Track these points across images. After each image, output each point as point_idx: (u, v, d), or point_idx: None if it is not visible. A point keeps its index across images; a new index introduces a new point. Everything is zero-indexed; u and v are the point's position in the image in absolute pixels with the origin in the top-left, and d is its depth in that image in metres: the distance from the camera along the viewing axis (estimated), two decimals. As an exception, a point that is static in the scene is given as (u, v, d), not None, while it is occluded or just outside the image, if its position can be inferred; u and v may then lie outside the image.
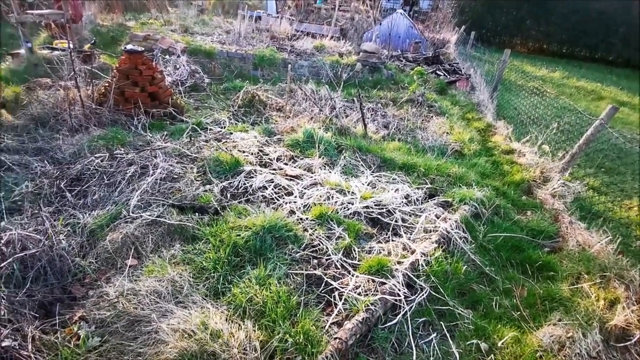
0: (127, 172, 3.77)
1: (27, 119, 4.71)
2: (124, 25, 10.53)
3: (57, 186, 3.61)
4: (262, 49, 8.91)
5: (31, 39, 6.93)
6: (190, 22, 11.14)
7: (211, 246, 2.89)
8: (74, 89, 4.86)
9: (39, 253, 2.75)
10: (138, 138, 4.53)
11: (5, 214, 3.23)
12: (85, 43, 8.23)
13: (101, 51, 7.82)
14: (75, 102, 4.89)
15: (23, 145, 4.21)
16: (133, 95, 5.18)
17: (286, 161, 4.48)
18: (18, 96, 5.27)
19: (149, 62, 5.38)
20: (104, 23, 10.23)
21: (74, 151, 4.18)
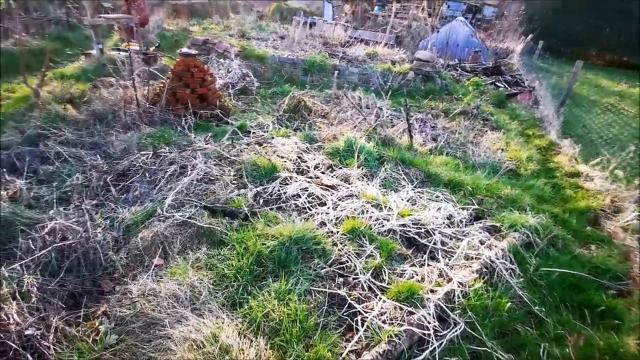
0: (167, 171, 3.87)
1: (89, 114, 5.05)
2: (188, 29, 11.14)
3: (104, 180, 3.80)
4: (313, 54, 8.92)
5: (102, 41, 7.52)
6: (248, 27, 11.51)
7: (235, 253, 2.83)
8: (132, 88, 5.14)
9: (76, 244, 2.87)
10: (183, 138, 4.66)
11: (55, 204, 3.44)
12: (150, 45, 8.79)
13: (163, 54, 8.29)
14: (131, 101, 5.17)
15: (81, 139, 4.51)
16: (184, 96, 5.37)
17: (324, 170, 4.36)
18: (84, 93, 5.69)
19: (200, 65, 5.56)
20: (169, 27, 10.90)
21: (124, 147, 4.40)
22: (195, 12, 14.41)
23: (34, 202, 3.48)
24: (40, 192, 3.59)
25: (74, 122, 4.86)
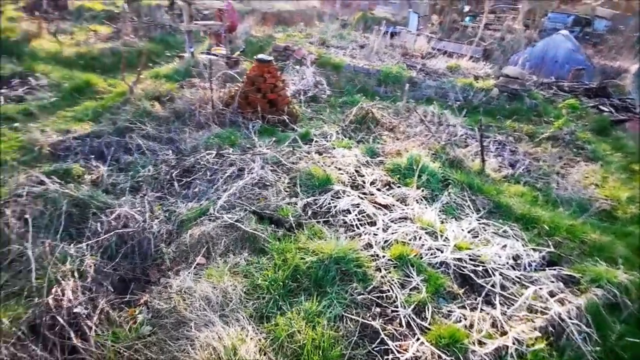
0: (226, 172, 4.02)
1: (170, 112, 5.51)
2: (273, 36, 11.66)
3: (170, 174, 4.08)
4: (390, 65, 8.70)
5: (195, 45, 8.21)
6: (329, 35, 11.67)
7: (273, 264, 2.79)
8: (209, 90, 5.48)
9: (134, 232, 3.09)
10: (247, 141, 4.82)
11: (127, 192, 3.77)
12: (236, 50, 9.37)
13: (246, 58, 8.77)
14: (207, 101, 5.52)
15: (159, 134, 4.92)
16: (254, 100, 5.57)
17: (380, 187, 4.15)
18: (171, 92, 6.23)
19: (274, 71, 5.73)
20: (256, 34, 11.52)
21: (194, 145, 4.69)
22: (283, 19, 15.07)
23: (111, 188, 3.86)
24: (117, 180, 3.98)
25: (157, 118, 5.32)
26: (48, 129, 4.84)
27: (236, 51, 9.18)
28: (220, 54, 8.35)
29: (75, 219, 3.29)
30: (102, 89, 6.48)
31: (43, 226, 3.11)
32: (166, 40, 10.39)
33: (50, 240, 2.91)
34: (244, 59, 8.54)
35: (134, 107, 5.45)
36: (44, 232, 3.04)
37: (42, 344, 2.16)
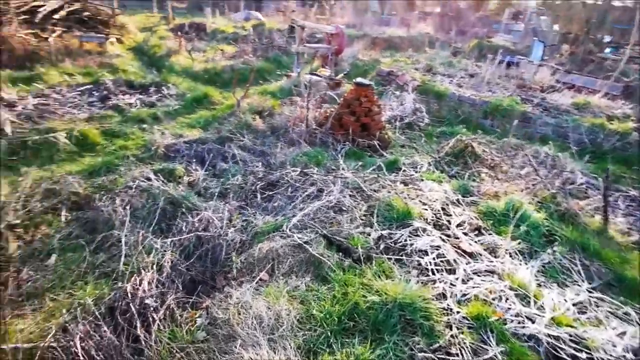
0: (306, 191, 4.04)
1: (268, 126, 5.85)
2: (379, 60, 11.74)
3: (255, 186, 4.27)
4: (501, 97, 7.94)
5: (304, 66, 8.70)
6: (437, 62, 11.27)
7: (332, 295, 2.65)
8: (305, 109, 5.68)
9: (211, 237, 3.27)
10: (333, 162, 4.81)
11: (215, 197, 4.06)
12: (341, 72, 9.65)
13: (348, 81, 8.95)
14: (302, 120, 5.71)
15: (254, 146, 5.24)
16: (347, 122, 5.58)
17: (468, 230, 3.71)
18: (273, 108, 6.64)
19: (371, 95, 5.68)
20: (362, 58, 11.73)
21: (282, 160, 4.86)
22: (392, 45, 15.11)
23: (203, 191, 4.19)
24: (210, 184, 4.31)
25: (255, 131, 5.70)
26: (167, 132, 5.54)
27: (340, 73, 9.45)
28: (324, 75, 8.68)
29: (167, 215, 3.64)
30: (217, 101, 7.24)
31: (141, 217, 3.50)
32: (279, 60, 11.25)
33: (143, 232, 3.26)
34: (347, 81, 8.72)
35: (238, 119, 5.93)
36: (140, 223, 3.42)
37: (113, 326, 2.37)
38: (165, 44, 10.98)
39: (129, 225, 3.33)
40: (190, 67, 9.23)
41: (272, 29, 14.55)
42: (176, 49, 10.42)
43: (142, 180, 3.98)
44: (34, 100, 5.86)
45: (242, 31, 14.83)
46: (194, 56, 10.07)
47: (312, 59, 10.22)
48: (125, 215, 3.39)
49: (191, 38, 12.60)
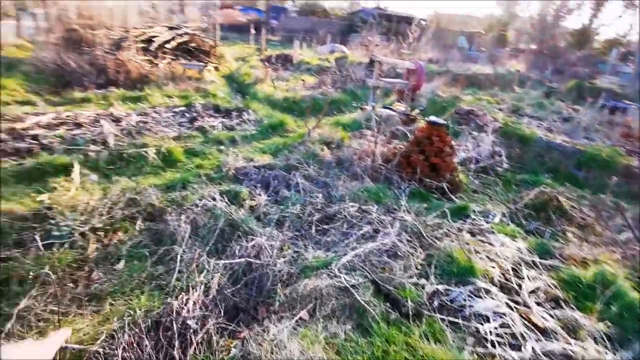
0: (362, 229, 3.91)
1: (334, 158, 5.89)
2: (459, 98, 11.30)
3: (312, 217, 4.26)
4: (601, 146, 7.01)
5: (380, 99, 8.72)
6: (525, 103, 10.46)
7: (371, 352, 2.45)
8: (373, 144, 5.61)
9: (260, 265, 3.30)
10: (395, 201, 4.62)
11: (272, 224, 4.13)
12: (416, 108, 9.46)
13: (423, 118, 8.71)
14: (369, 154, 5.64)
15: (318, 176, 5.27)
16: (415, 161, 5.37)
17: (542, 300, 3.21)
18: (342, 140, 6.70)
19: (443, 135, 5.42)
20: (442, 94, 11.40)
21: (343, 194, 4.81)
22: (476, 82, 14.48)
23: (262, 217, 4.30)
24: (269, 211, 4.41)
25: (321, 162, 5.76)
26: (240, 155, 5.89)
27: (416, 109, 9.26)
28: (399, 110, 8.57)
29: (225, 237, 3.78)
30: (291, 129, 7.54)
31: (201, 236, 3.68)
32: (356, 92, 11.45)
33: (200, 250, 3.42)
34: (421, 118, 8.50)
35: (307, 148, 6.08)
36: (199, 241, 3.60)
37: (155, 342, 2.46)
38: (253, 73, 11.93)
39: (189, 242, 3.53)
40: (272, 95, 9.84)
41: (353, 62, 14.98)
42: (262, 78, 11.24)
43: (209, 199, 4.23)
44: (137, 118, 6.71)
45: (325, 63, 15.53)
46: (276, 85, 10.74)
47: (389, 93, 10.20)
48: (187, 232, 3.60)
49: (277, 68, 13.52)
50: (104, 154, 5.24)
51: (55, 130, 5.75)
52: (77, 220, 3.65)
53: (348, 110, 9.75)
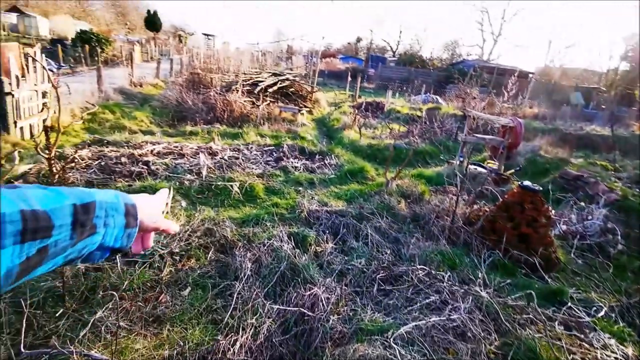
0: (428, 297, 3.56)
1: (410, 213, 5.61)
2: (566, 160, 10.08)
3: (376, 274, 4.03)
4: None
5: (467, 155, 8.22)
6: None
7: None
8: (455, 202, 5.22)
9: (313, 318, 3.18)
10: (471, 271, 4.14)
11: (333, 275, 4.01)
12: (513, 167, 8.67)
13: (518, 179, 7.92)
14: (449, 214, 5.25)
15: (389, 230, 5.05)
16: (502, 228, 4.81)
17: None
18: (422, 194, 6.40)
19: (539, 203, 4.80)
20: (545, 154, 10.31)
21: (414, 254, 4.50)
22: (590, 144, 12.79)
23: (325, 265, 4.22)
24: (333, 260, 4.32)
25: (395, 215, 5.54)
26: (316, 198, 6.00)
27: (511, 169, 8.48)
28: (491, 168, 7.95)
29: (285, 280, 3.77)
30: (370, 177, 7.50)
31: (262, 276, 3.74)
32: (445, 145, 11.03)
33: (258, 291, 3.46)
34: (516, 179, 7.73)
35: (382, 199, 5.92)
36: (259, 281, 3.65)
37: (196, 380, 2.48)
38: (342, 119, 12.37)
39: (250, 280, 3.60)
40: (357, 141, 10.01)
41: (446, 113, 14.60)
42: (350, 124, 11.57)
43: (277, 239, 4.32)
44: (230, 153, 7.38)
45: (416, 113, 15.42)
46: (362, 131, 10.93)
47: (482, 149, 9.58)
48: (250, 270, 3.69)
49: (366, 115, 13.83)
50: (196, 183, 5.81)
51: (163, 158, 6.62)
52: (160, 243, 4.02)
53: (434, 163, 9.41)
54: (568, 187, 7.65)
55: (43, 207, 0.52)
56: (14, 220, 0.47)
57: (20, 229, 0.48)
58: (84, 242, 0.59)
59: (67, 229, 0.55)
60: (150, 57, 29.96)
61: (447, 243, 4.74)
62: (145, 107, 10.71)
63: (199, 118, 10.21)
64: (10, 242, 0.46)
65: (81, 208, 0.58)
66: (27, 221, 0.49)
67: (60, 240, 0.54)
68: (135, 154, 6.47)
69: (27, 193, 0.52)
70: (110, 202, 0.65)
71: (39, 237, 0.50)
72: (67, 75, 15.53)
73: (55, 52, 19.59)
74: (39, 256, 0.51)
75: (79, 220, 0.57)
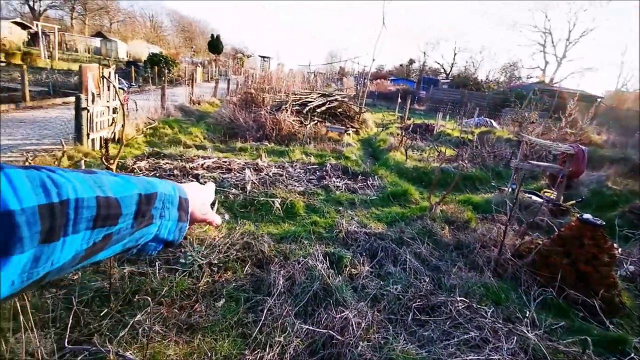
0: (468, 333, 3.32)
1: (454, 240, 5.34)
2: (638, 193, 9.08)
3: (412, 303, 3.85)
4: None
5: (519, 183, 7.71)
6: None
7: None
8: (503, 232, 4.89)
9: (341, 342, 3.09)
10: (518, 309, 3.81)
11: (367, 300, 3.90)
12: (572, 199, 7.99)
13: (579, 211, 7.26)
14: (497, 244, 4.92)
15: (430, 257, 4.83)
16: (558, 264, 4.41)
17: None
18: (468, 221, 6.08)
19: (601, 239, 4.34)
20: (613, 185, 9.38)
21: (454, 284, 4.25)
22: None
23: (359, 288, 4.12)
24: (368, 284, 4.20)
25: (437, 242, 5.30)
26: (356, 219, 5.93)
27: (572, 200, 7.82)
28: (548, 198, 7.38)
29: (317, 300, 3.73)
30: (413, 200, 7.28)
31: (294, 294, 3.73)
32: (497, 171, 10.46)
33: (289, 308, 3.45)
34: (577, 211, 7.10)
35: (425, 224, 5.71)
36: (291, 299, 3.64)
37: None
38: (389, 139, 12.25)
39: (282, 297, 3.60)
40: (403, 162, 9.82)
41: (500, 138, 13.91)
42: (396, 145, 11.42)
43: (312, 258, 4.31)
44: (275, 170, 7.58)
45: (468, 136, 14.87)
46: (409, 153, 10.72)
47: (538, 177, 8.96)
48: (282, 287, 3.70)
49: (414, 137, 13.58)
50: (240, 197, 6.02)
51: (212, 172, 6.96)
52: (200, 253, 4.19)
53: (484, 189, 8.95)
54: (639, 223, 6.85)
55: (115, 194, 0.52)
56: (90, 206, 0.47)
57: (94, 215, 0.48)
58: (141, 231, 0.59)
59: (130, 217, 0.55)
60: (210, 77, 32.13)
61: (492, 275, 4.43)
62: (201, 123, 11.42)
63: (248, 135, 10.67)
64: (83, 227, 0.47)
65: (145, 198, 0.58)
66: (101, 207, 0.49)
67: (122, 228, 0.54)
68: (186, 167, 6.88)
69: (103, 179, 0.53)
70: (167, 194, 0.65)
71: (107, 224, 0.51)
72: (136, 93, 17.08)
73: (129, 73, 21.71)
74: (102, 242, 0.52)
75: (141, 210, 0.57)
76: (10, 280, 0.39)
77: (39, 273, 0.43)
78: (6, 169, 0.40)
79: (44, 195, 0.42)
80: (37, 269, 0.42)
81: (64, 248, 0.45)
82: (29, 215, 0.39)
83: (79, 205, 0.46)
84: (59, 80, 16.67)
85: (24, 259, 0.39)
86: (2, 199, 0.37)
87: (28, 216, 0.39)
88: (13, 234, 0.37)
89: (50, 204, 0.42)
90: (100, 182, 0.51)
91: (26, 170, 0.42)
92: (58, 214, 0.43)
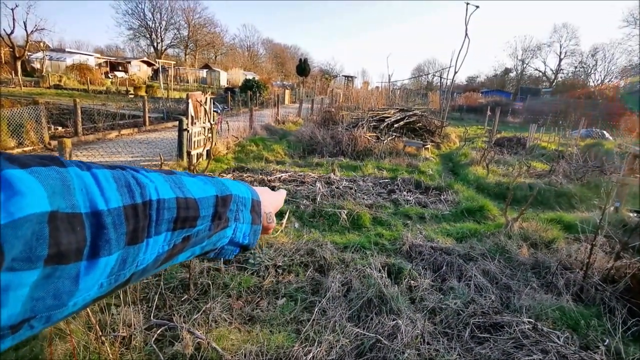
0: (530, 355, 3.07)
1: (531, 259, 4.90)
2: None
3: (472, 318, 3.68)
4: None
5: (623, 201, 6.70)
6: None
7: None
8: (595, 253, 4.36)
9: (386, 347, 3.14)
10: (599, 337, 3.37)
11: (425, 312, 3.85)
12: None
13: None
14: (582, 266, 4.40)
15: (499, 275, 4.53)
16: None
17: None
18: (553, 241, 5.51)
19: None
20: None
21: (525, 305, 3.93)
22: None
23: (417, 300, 4.08)
24: (427, 297, 4.13)
25: (511, 260, 4.92)
26: (423, 233, 5.83)
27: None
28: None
29: (370, 307, 3.81)
30: (490, 217, 6.84)
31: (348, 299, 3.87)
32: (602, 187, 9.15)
33: (342, 311, 3.61)
34: None
35: (498, 240, 5.35)
36: (345, 303, 3.79)
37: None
38: (471, 154, 11.63)
39: (337, 301, 3.78)
40: (484, 177, 9.25)
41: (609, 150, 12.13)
42: (478, 160, 10.78)
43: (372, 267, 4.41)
44: (345, 183, 7.85)
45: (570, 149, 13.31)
46: (493, 168, 10.03)
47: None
48: (338, 291, 3.88)
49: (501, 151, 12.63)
50: (310, 208, 6.39)
51: (287, 184, 7.51)
52: (268, 256, 4.61)
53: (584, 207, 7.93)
54: None
55: (194, 195, 0.51)
56: (171, 208, 0.46)
57: (175, 217, 0.47)
58: (217, 235, 0.57)
59: (207, 220, 0.54)
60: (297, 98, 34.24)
61: (573, 299, 3.98)
62: (283, 141, 12.33)
63: (325, 151, 11.17)
64: (164, 229, 0.45)
65: (221, 200, 0.57)
66: (180, 209, 0.48)
67: (201, 230, 0.53)
68: (265, 180, 7.55)
69: (183, 180, 0.52)
70: (241, 196, 0.64)
71: (187, 226, 0.49)
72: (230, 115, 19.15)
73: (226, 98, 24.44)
74: (182, 244, 0.50)
75: (217, 212, 0.56)
76: (99, 282, 0.38)
77: (125, 275, 0.42)
78: (94, 169, 0.39)
79: (129, 196, 0.41)
80: (124, 271, 0.41)
81: (147, 250, 0.44)
82: (115, 217, 0.38)
83: (160, 206, 0.45)
84: (172, 107, 19.61)
85: (111, 261, 0.38)
86: (90, 199, 0.36)
87: (114, 217, 0.38)
88: (101, 236, 0.36)
89: (134, 204, 0.41)
90: (180, 182, 0.51)
91: (113, 170, 0.42)
92: (141, 215, 0.42)
